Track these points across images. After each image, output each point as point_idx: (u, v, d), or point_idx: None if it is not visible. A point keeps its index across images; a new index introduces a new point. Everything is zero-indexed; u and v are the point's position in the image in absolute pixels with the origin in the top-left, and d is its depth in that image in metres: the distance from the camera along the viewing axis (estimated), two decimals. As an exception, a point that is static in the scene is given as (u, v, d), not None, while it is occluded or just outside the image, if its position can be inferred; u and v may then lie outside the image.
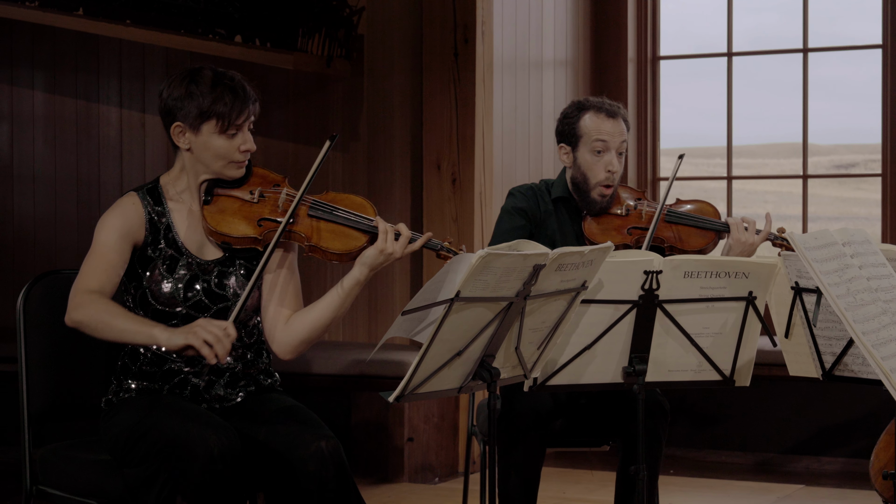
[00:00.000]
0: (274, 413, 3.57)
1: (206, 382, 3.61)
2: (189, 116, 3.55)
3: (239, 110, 3.54)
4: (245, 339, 3.67)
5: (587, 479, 6.38)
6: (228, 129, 3.54)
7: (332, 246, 3.56)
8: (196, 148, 3.57)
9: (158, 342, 3.37)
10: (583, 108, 4.45)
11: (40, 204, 7.85)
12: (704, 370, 3.63)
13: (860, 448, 6.62)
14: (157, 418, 3.39)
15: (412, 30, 6.86)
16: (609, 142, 4.40)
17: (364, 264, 3.56)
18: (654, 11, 7.65)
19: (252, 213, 3.58)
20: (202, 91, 3.54)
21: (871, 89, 7.17)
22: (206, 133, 3.55)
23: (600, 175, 4.40)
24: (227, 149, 3.56)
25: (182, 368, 3.60)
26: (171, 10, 6.21)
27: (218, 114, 3.53)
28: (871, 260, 3.37)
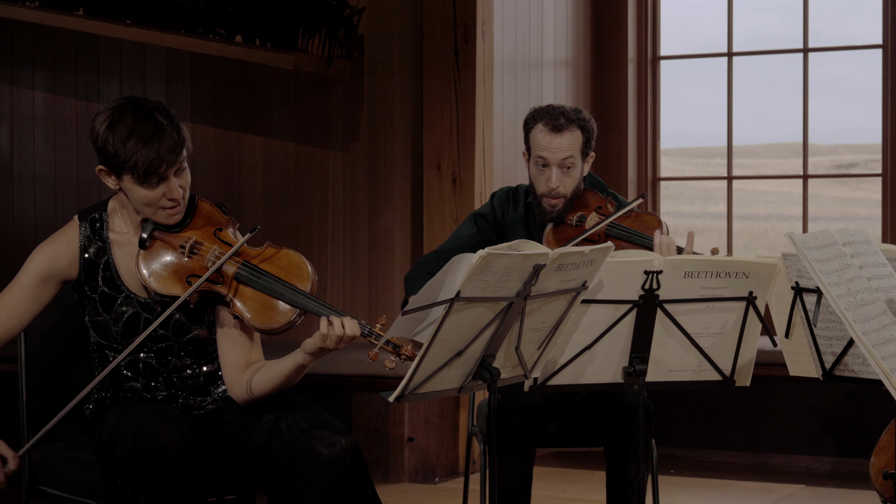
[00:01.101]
0: (283, 408, 3.57)
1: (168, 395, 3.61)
2: (108, 164, 3.43)
3: (157, 164, 3.37)
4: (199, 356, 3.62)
5: (587, 479, 6.38)
6: (147, 181, 3.40)
7: (255, 319, 3.42)
8: (125, 189, 3.48)
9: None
10: (534, 119, 4.44)
11: (40, 204, 7.85)
12: (705, 370, 3.63)
13: (860, 448, 6.62)
14: (126, 421, 3.39)
15: (412, 30, 6.86)
16: (549, 158, 4.38)
17: (307, 351, 3.42)
18: (654, 11, 7.65)
19: (181, 269, 3.46)
20: (116, 142, 3.38)
21: (872, 89, 7.17)
22: (127, 182, 3.44)
23: (542, 188, 4.40)
24: (150, 198, 3.43)
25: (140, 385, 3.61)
26: (172, 10, 6.21)
27: (132, 169, 3.38)
28: (872, 260, 3.37)
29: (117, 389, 3.62)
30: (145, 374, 3.60)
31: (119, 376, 3.60)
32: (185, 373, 3.61)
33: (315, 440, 3.44)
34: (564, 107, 4.48)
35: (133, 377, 3.60)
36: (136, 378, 3.60)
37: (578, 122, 4.42)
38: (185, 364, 3.61)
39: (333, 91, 7.11)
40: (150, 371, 3.60)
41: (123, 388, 3.62)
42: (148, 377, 3.60)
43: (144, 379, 3.60)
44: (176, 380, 3.61)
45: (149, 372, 3.60)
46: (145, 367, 3.59)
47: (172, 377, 3.61)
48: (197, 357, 3.62)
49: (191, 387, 3.63)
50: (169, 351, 3.59)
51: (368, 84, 7.01)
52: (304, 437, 3.47)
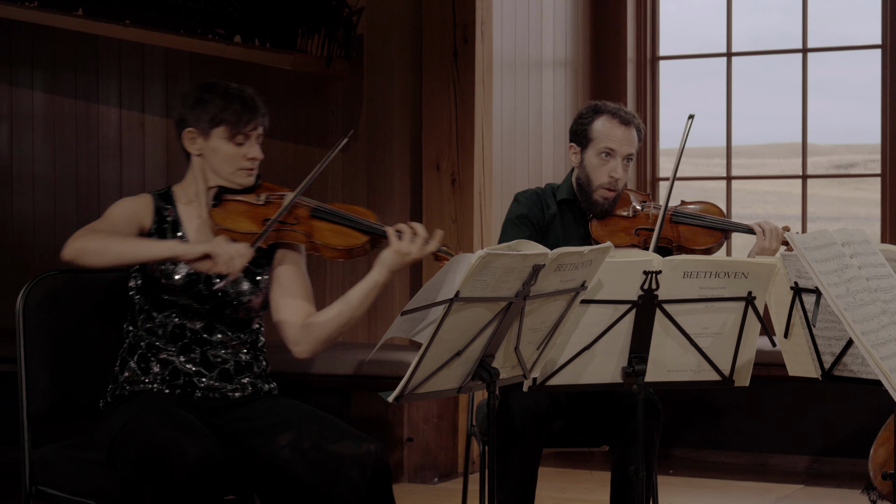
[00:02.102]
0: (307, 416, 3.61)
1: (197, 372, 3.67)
2: (200, 122, 3.68)
3: (247, 120, 3.67)
4: (241, 335, 3.72)
5: (587, 479, 6.38)
6: (236, 137, 3.67)
7: (333, 242, 3.64)
8: (206, 153, 3.70)
9: (177, 252, 3.49)
10: (598, 112, 4.49)
11: (40, 204, 7.85)
12: (704, 370, 3.63)
13: (859, 448, 6.61)
14: (142, 424, 3.44)
15: (412, 30, 6.86)
16: (616, 149, 4.43)
17: (382, 265, 3.63)
18: (653, 12, 7.65)
19: (257, 214, 3.67)
20: (214, 99, 3.68)
21: (871, 89, 7.17)
22: (216, 138, 3.68)
23: (603, 179, 4.43)
24: (234, 155, 3.69)
25: (175, 357, 3.65)
26: (171, 11, 6.21)
27: (227, 121, 3.67)
28: (871, 260, 3.37)
29: (145, 369, 3.65)
30: (183, 344, 3.66)
31: (153, 348, 3.66)
32: (221, 352, 3.68)
33: (342, 447, 3.50)
34: (620, 105, 4.56)
35: (170, 346, 3.65)
36: (173, 345, 3.65)
37: (637, 122, 4.51)
38: (227, 340, 3.68)
39: (332, 91, 7.11)
40: (193, 341, 3.66)
41: (150, 368, 3.65)
42: (186, 349, 3.66)
43: (182, 351, 3.65)
44: (211, 358, 3.67)
45: (189, 342, 3.66)
46: (192, 335, 3.66)
47: (209, 354, 3.67)
48: (240, 329, 3.69)
49: (220, 370, 3.68)
50: (220, 316, 3.67)
51: (367, 84, 7.01)
52: (331, 442, 3.50)
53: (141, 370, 3.67)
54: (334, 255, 3.66)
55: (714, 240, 4.48)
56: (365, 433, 3.62)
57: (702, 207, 4.58)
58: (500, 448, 4.11)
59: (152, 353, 3.67)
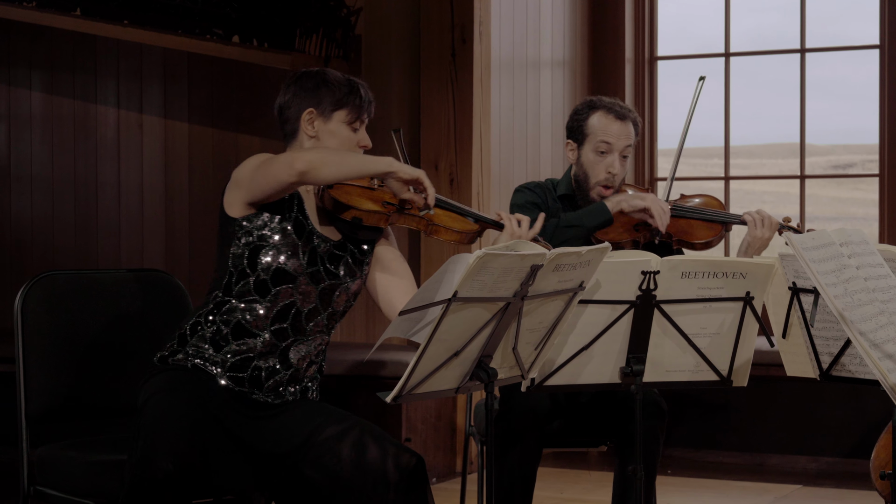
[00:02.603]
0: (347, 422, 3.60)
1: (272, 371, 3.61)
2: (323, 103, 3.74)
3: (367, 107, 3.81)
4: (333, 326, 3.71)
5: (585, 480, 6.38)
6: (355, 122, 3.77)
7: (452, 225, 3.76)
8: (322, 135, 3.74)
9: (394, 168, 3.58)
10: (593, 107, 4.48)
11: (38, 204, 7.85)
12: (702, 370, 3.63)
13: (857, 448, 6.62)
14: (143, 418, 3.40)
15: (410, 30, 6.86)
16: (613, 144, 4.42)
17: None
18: (651, 12, 7.65)
19: (375, 196, 3.71)
20: (338, 83, 3.77)
21: (869, 90, 7.18)
22: (336, 121, 3.75)
23: (600, 175, 4.43)
24: (350, 140, 3.77)
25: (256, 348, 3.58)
26: (169, 11, 6.21)
27: (351, 105, 3.76)
28: (869, 260, 3.37)
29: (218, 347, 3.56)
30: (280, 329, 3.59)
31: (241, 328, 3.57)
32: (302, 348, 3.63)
33: (387, 456, 3.48)
34: (616, 100, 4.55)
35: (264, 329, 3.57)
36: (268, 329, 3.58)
37: (633, 116, 4.51)
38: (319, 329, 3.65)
39: (331, 91, 7.10)
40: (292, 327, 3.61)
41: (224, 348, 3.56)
42: (280, 334, 3.60)
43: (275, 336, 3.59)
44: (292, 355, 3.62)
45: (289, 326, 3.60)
46: (294, 320, 3.60)
47: (294, 347, 3.61)
48: (331, 326, 3.68)
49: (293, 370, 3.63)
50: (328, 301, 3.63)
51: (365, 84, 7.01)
52: (373, 450, 3.49)
53: (213, 347, 3.57)
54: (452, 236, 3.75)
55: (714, 233, 4.47)
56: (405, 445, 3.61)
57: (702, 201, 4.58)
58: (500, 448, 4.11)
59: (236, 334, 3.57)
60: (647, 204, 4.35)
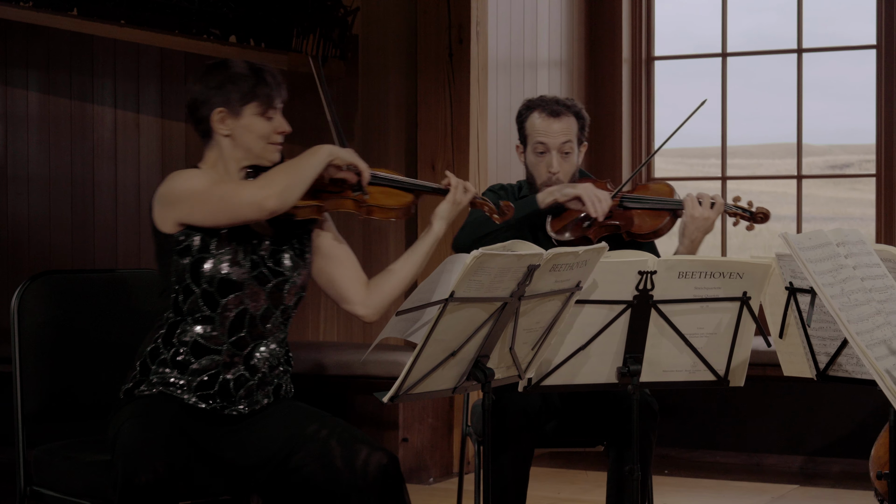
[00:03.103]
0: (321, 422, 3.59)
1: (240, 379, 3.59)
2: (232, 101, 3.65)
3: (277, 93, 3.70)
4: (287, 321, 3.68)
5: (582, 480, 6.38)
6: (268, 112, 3.67)
7: (387, 203, 3.70)
8: (237, 132, 3.66)
9: (333, 156, 3.61)
10: (530, 108, 4.49)
11: (34, 205, 7.85)
12: (699, 370, 3.63)
13: (854, 448, 6.62)
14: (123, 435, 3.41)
15: (407, 30, 6.86)
16: (548, 143, 4.40)
17: (442, 219, 3.74)
18: (648, 12, 7.65)
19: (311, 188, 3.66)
20: (243, 77, 3.68)
21: (866, 90, 7.18)
22: (248, 115, 3.66)
23: (543, 176, 4.42)
24: (266, 130, 3.69)
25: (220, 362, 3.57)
26: (166, 11, 6.20)
27: (260, 95, 3.67)
28: (866, 260, 3.37)
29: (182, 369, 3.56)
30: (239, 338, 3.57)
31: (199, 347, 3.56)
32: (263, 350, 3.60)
33: (356, 456, 3.46)
34: (557, 96, 4.52)
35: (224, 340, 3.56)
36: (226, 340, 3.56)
37: (573, 108, 4.48)
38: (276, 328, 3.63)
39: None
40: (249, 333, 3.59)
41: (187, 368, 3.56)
42: (240, 343, 3.58)
43: (235, 347, 3.57)
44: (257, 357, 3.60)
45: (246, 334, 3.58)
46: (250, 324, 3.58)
47: (257, 351, 3.60)
48: (286, 323, 3.65)
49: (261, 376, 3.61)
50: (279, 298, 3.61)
51: (363, 84, 7.01)
52: (344, 451, 3.47)
53: (177, 369, 3.56)
54: (389, 214, 3.71)
55: (661, 221, 4.36)
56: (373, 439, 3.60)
57: (651, 189, 4.49)
58: (494, 448, 4.11)
59: (197, 353, 3.56)
60: (578, 192, 4.30)
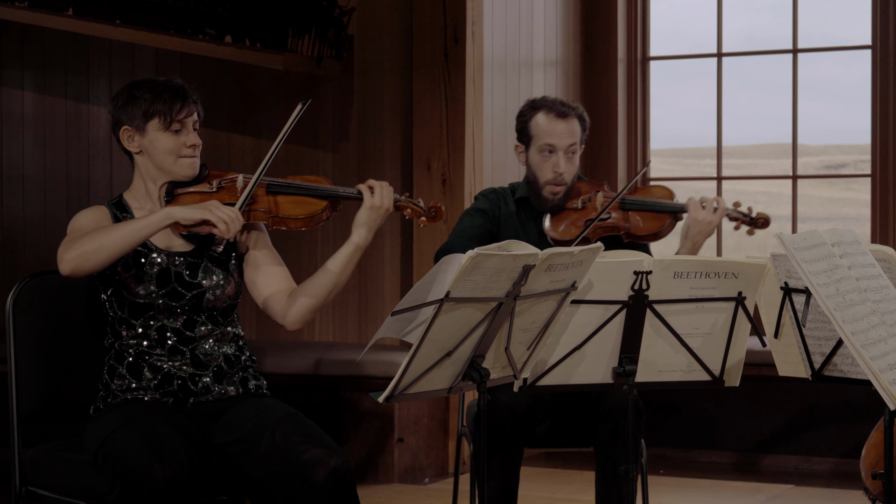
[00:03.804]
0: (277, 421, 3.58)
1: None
2: (134, 119, 3.70)
3: (179, 107, 3.69)
4: (223, 327, 3.72)
5: (578, 480, 6.38)
6: (171, 126, 3.68)
7: (294, 213, 3.69)
8: (146, 148, 3.71)
9: (175, 217, 3.53)
10: (535, 108, 4.51)
11: (30, 205, 7.84)
12: (694, 370, 3.63)
13: (849, 448, 6.63)
14: (119, 442, 3.44)
15: (402, 30, 6.86)
16: (556, 144, 4.44)
17: (361, 226, 3.72)
18: (644, 12, 7.66)
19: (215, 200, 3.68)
20: (143, 94, 3.70)
21: (861, 90, 7.18)
22: (152, 131, 3.69)
23: (548, 175, 4.45)
24: (173, 145, 3.69)
25: (165, 363, 3.63)
26: (161, 11, 6.20)
27: (159, 111, 3.68)
28: (861, 260, 3.38)
29: (136, 376, 3.63)
30: (171, 346, 3.66)
31: (142, 354, 3.64)
32: (207, 347, 3.68)
33: (306, 457, 3.47)
34: (560, 98, 4.56)
35: (157, 349, 3.64)
36: (161, 348, 3.64)
37: (577, 111, 4.52)
38: (209, 332, 3.68)
39: (323, 91, 7.10)
40: (179, 341, 3.66)
41: (142, 375, 3.63)
42: (175, 351, 3.66)
43: (172, 354, 3.65)
44: (202, 356, 3.66)
45: (176, 343, 3.66)
46: (176, 335, 3.67)
47: (198, 352, 3.67)
48: (220, 321, 3.70)
49: (215, 368, 3.68)
50: (199, 309, 3.67)
51: (358, 84, 7.01)
52: (297, 452, 3.48)
53: (132, 377, 3.66)
54: (298, 224, 3.71)
55: (661, 223, 4.45)
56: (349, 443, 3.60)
57: (651, 192, 4.56)
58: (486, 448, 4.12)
59: (143, 360, 3.66)
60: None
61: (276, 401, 3.72)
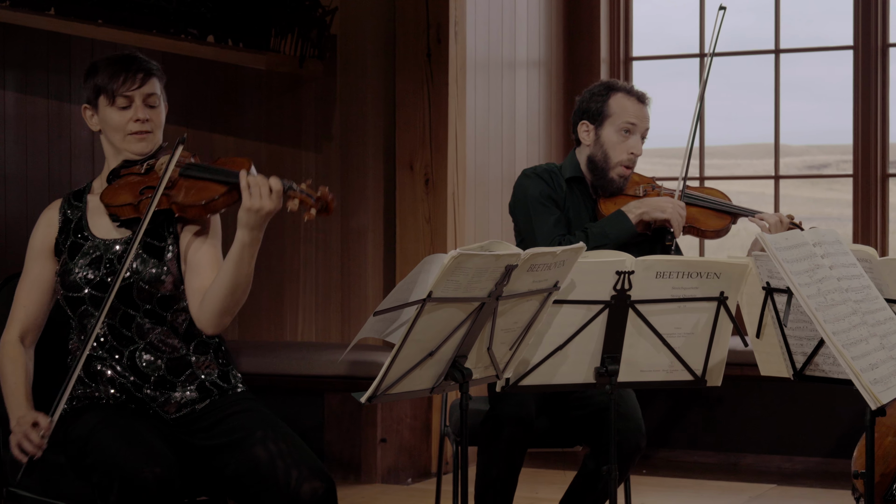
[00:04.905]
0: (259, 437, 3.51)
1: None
2: (90, 98, 3.67)
3: (122, 80, 3.59)
4: (172, 322, 3.61)
5: (560, 480, 6.39)
6: (116, 101, 3.60)
7: (187, 199, 3.50)
8: (102, 127, 3.66)
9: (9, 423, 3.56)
10: (613, 89, 4.51)
11: (12, 205, 7.82)
12: (676, 370, 3.63)
13: (831, 448, 6.64)
14: (102, 439, 3.39)
15: (385, 30, 6.85)
16: (637, 125, 4.48)
17: (241, 226, 3.43)
18: (626, 12, 7.67)
19: (137, 184, 3.57)
20: (96, 69, 3.64)
21: (843, 90, 7.20)
22: (102, 108, 3.64)
23: (622, 155, 4.46)
24: (119, 120, 3.61)
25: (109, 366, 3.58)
26: (144, 10, 6.19)
27: (103, 87, 3.60)
28: (842, 260, 3.38)
29: (93, 380, 3.59)
30: (111, 346, 3.57)
31: (92, 358, 3.58)
32: (146, 355, 3.57)
33: (290, 478, 3.41)
34: None
35: (99, 351, 3.57)
36: (101, 349, 3.57)
37: (649, 101, 4.55)
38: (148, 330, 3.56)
39: (306, 91, 7.10)
40: (116, 340, 3.57)
41: (98, 380, 3.59)
42: (114, 351, 3.56)
43: (111, 354, 3.57)
44: (138, 362, 3.55)
45: (113, 344, 3.57)
46: (111, 332, 3.57)
47: (135, 358, 3.56)
48: (159, 316, 3.57)
49: (155, 379, 3.57)
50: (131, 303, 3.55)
51: (341, 84, 7.00)
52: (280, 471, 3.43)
53: (91, 380, 3.60)
54: (194, 212, 3.50)
55: (724, 223, 4.55)
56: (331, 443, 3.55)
57: (708, 192, 4.66)
58: (487, 448, 4.12)
59: (94, 363, 3.58)
60: (667, 216, 4.40)
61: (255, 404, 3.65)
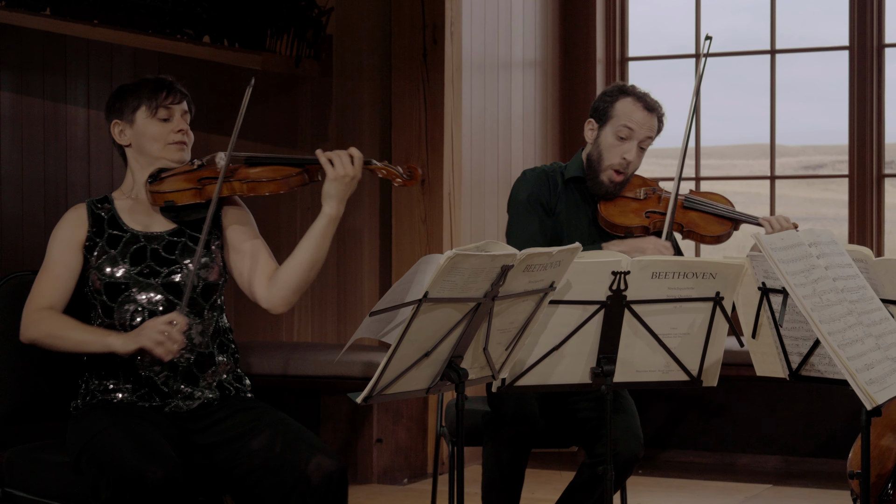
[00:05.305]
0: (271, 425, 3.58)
1: (164, 377, 3.63)
2: (124, 112, 3.76)
3: (165, 94, 3.76)
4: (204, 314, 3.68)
5: (556, 480, 6.39)
6: (158, 112, 3.75)
7: (265, 176, 3.70)
8: (135, 139, 3.76)
9: (113, 349, 3.52)
10: (624, 92, 4.47)
11: (7, 205, 7.82)
12: (672, 370, 3.63)
13: (827, 448, 6.64)
14: (107, 442, 3.42)
15: (381, 30, 6.85)
16: (635, 131, 4.41)
17: (329, 197, 3.71)
18: (622, 13, 7.67)
19: (193, 177, 3.72)
20: (131, 89, 3.81)
21: (839, 91, 7.20)
22: (140, 121, 3.75)
23: (615, 159, 4.41)
24: (160, 131, 3.75)
25: (137, 360, 3.62)
26: (139, 10, 6.19)
27: (145, 99, 3.75)
28: (838, 261, 3.39)
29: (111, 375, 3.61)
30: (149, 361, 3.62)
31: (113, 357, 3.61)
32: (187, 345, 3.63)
33: (301, 460, 3.47)
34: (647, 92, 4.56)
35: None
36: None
37: (660, 111, 4.50)
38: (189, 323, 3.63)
39: (302, 91, 7.09)
40: None
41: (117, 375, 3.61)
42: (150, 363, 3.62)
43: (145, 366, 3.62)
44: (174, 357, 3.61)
45: None
46: None
47: None
48: (201, 309, 3.67)
49: (184, 371, 3.63)
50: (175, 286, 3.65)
51: (337, 84, 7.00)
52: (291, 454, 3.48)
53: (112, 379, 3.64)
54: (272, 187, 3.71)
55: (724, 228, 4.51)
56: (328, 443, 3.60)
57: (712, 197, 4.63)
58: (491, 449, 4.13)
59: (116, 358, 3.62)
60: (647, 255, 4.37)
61: (264, 404, 3.70)
